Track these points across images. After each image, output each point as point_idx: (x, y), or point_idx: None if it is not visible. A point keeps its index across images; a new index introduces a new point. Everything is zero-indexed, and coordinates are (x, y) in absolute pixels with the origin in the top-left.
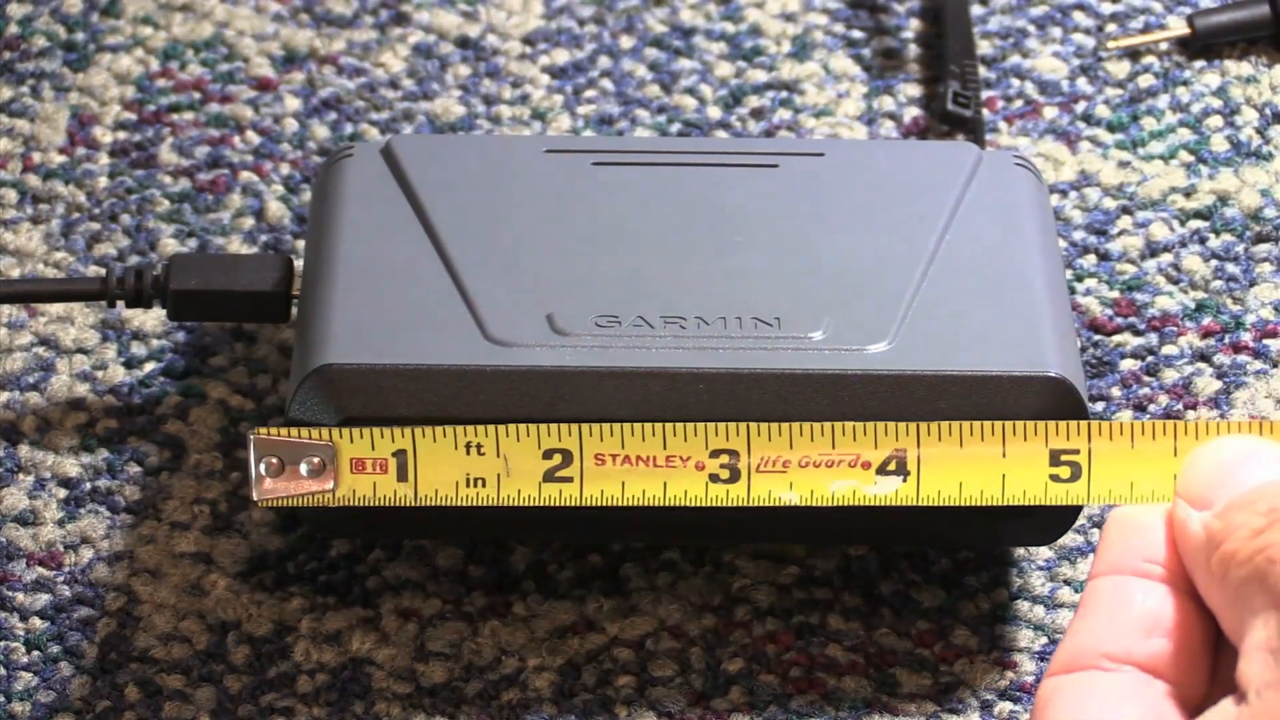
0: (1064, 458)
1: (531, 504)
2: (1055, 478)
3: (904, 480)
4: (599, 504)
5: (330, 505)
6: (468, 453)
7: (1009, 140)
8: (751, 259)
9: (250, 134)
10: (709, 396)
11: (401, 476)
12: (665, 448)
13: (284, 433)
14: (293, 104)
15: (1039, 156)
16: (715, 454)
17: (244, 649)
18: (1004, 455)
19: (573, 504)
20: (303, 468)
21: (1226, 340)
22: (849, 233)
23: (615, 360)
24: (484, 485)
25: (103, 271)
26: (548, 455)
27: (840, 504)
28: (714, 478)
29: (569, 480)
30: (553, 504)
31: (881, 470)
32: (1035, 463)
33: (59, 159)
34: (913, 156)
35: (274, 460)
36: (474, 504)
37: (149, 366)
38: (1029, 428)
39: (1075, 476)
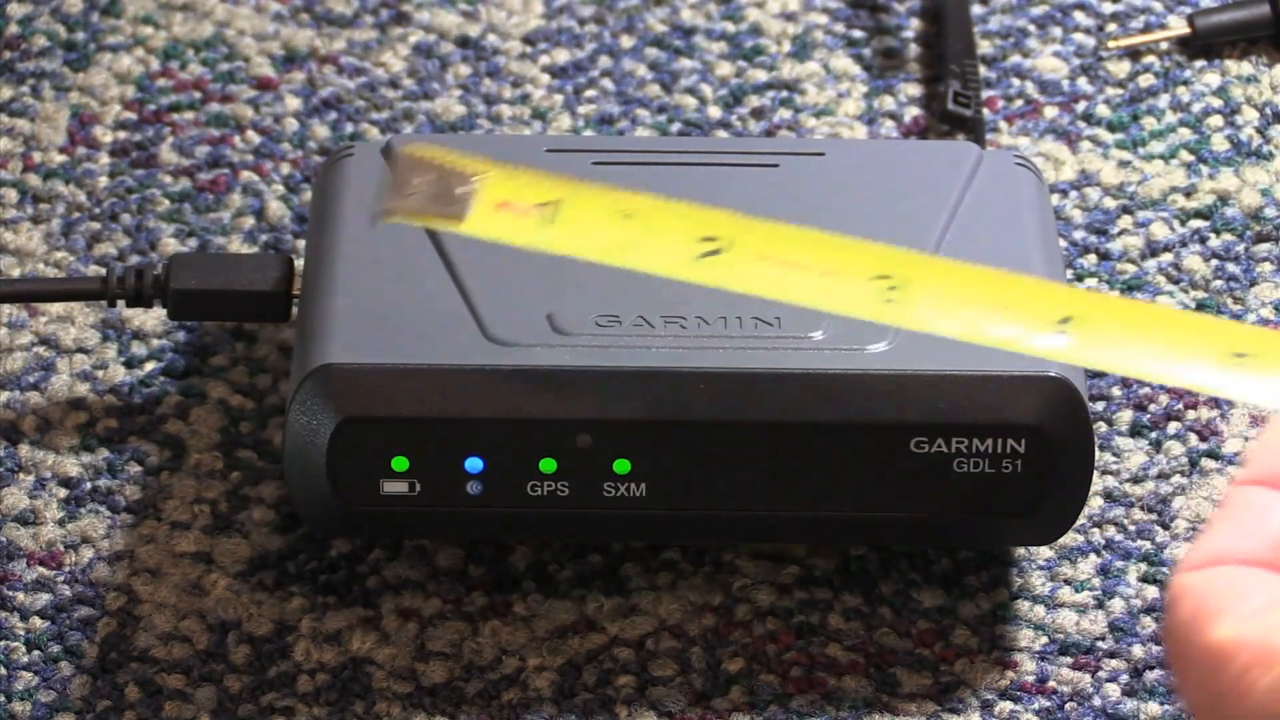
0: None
1: (680, 279)
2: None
3: (1069, 340)
4: (751, 293)
5: (452, 229)
6: (620, 220)
7: (1009, 140)
8: None
9: (250, 134)
10: (709, 396)
11: (546, 224)
12: (826, 260)
13: (433, 153)
14: (293, 104)
15: (1039, 156)
16: (878, 278)
17: (244, 649)
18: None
19: (724, 288)
20: (441, 191)
21: None
22: (849, 233)
23: (616, 360)
24: (635, 250)
25: (103, 271)
26: (707, 240)
27: (999, 346)
28: (875, 296)
29: (719, 257)
30: (702, 283)
31: (1045, 330)
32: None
33: (59, 159)
34: (913, 156)
35: (413, 178)
36: (623, 266)
37: (149, 366)
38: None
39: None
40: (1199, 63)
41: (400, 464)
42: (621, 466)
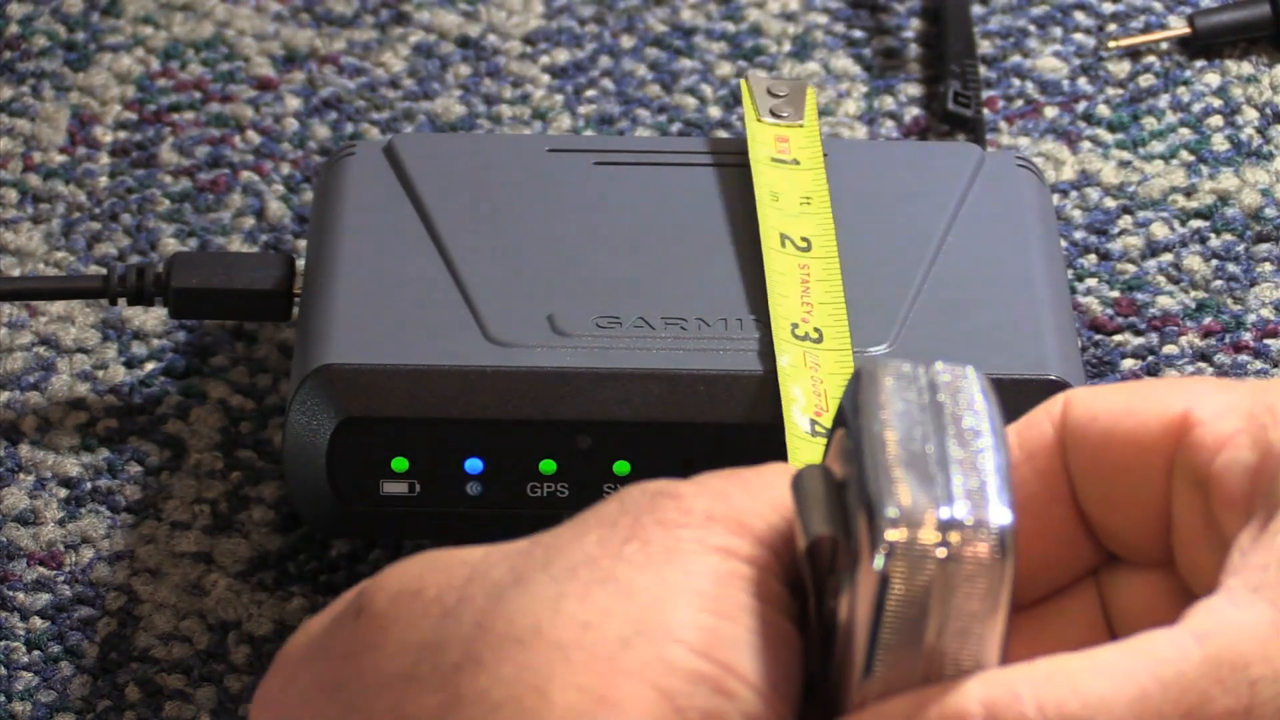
0: None
1: None
2: None
3: None
4: None
5: None
6: None
7: (1009, 140)
8: (752, 259)
9: (251, 134)
10: (709, 398)
11: None
12: None
13: None
14: (293, 104)
15: (1040, 156)
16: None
17: (244, 649)
18: None
19: None
20: None
21: (1227, 340)
22: (850, 233)
23: (616, 361)
24: None
25: (104, 271)
26: None
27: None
28: None
29: None
30: None
31: None
32: None
33: (59, 159)
34: (915, 157)
35: None
36: None
37: (149, 366)
38: None
39: None
40: (1199, 63)
41: (400, 464)
42: (621, 468)
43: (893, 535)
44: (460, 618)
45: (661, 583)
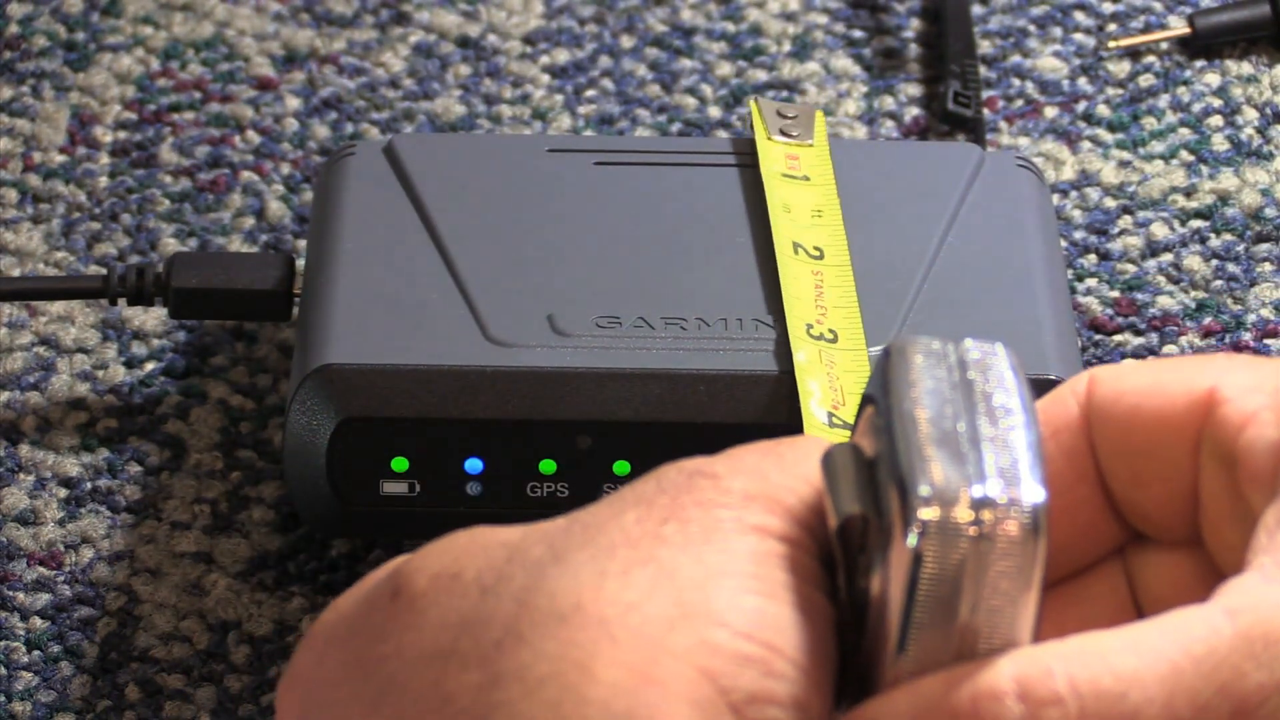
0: None
1: None
2: None
3: None
4: None
5: None
6: None
7: (1009, 140)
8: (752, 260)
9: (251, 134)
10: (709, 398)
11: None
12: None
13: None
14: (293, 104)
15: (1040, 156)
16: None
17: (244, 649)
18: None
19: None
20: None
21: (1227, 340)
22: (850, 233)
23: (616, 361)
24: None
25: (104, 271)
26: None
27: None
28: None
29: None
30: None
31: None
32: None
33: (59, 159)
34: (915, 157)
35: None
36: None
37: (149, 366)
38: None
39: None
40: (1199, 63)
41: (400, 464)
42: (621, 468)
43: (926, 513)
44: (501, 595)
45: (701, 564)
